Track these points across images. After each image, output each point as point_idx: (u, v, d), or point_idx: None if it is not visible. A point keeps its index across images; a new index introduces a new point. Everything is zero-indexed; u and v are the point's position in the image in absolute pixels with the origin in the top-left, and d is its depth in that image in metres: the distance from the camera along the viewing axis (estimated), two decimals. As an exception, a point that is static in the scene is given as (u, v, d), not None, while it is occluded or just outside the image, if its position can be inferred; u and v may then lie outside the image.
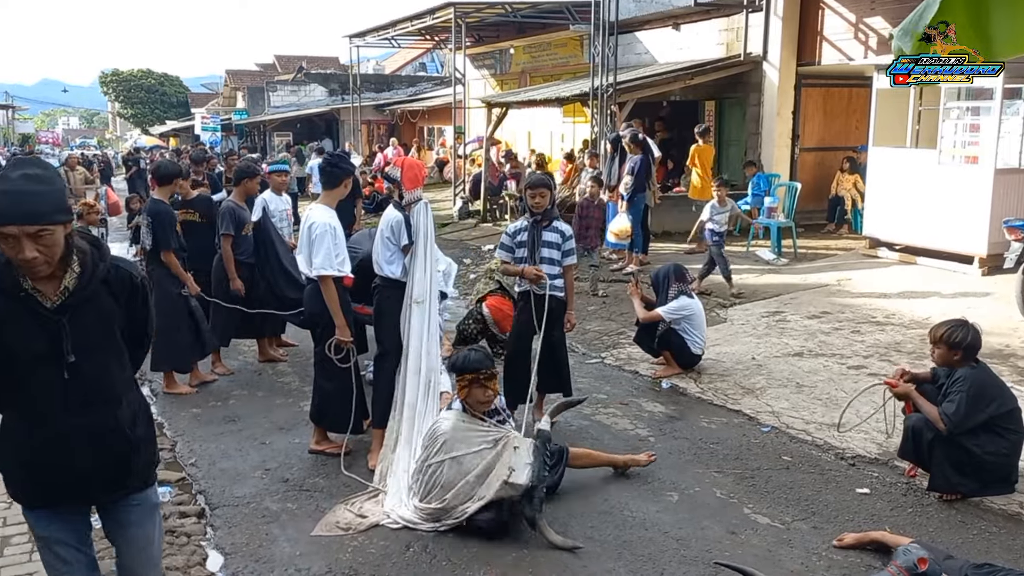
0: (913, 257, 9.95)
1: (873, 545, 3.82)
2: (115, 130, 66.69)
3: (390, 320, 4.85)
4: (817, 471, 4.78)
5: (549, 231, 5.27)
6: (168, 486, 4.64)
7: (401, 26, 20.06)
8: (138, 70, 55.08)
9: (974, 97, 9.32)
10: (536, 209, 5.25)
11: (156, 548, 2.75)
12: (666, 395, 6.19)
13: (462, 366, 4.21)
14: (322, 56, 47.02)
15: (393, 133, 28.70)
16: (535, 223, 5.28)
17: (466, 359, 4.25)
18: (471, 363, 4.20)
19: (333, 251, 4.82)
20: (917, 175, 9.85)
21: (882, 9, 11.08)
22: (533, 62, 19.91)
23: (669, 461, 4.94)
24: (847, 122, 13.58)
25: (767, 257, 10.68)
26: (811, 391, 6.05)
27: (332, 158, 5.25)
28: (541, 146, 19.52)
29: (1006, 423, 4.30)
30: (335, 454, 4.98)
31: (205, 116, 35.63)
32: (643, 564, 3.77)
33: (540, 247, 5.25)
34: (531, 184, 5.37)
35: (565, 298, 5.36)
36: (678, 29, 14.52)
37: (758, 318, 8.10)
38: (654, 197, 10.90)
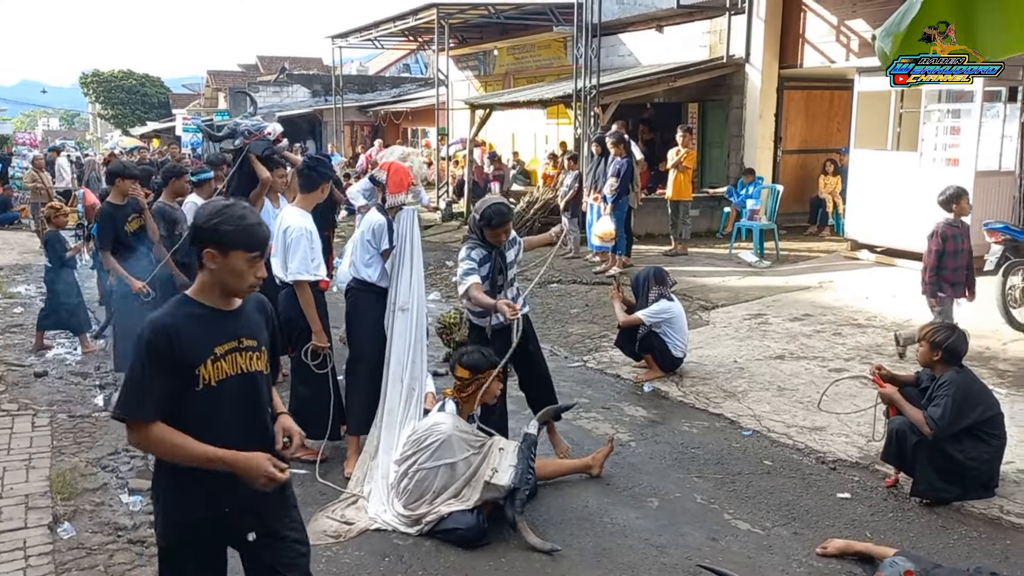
0: (891, 259, 9.97)
1: (858, 556, 3.77)
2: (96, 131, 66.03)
3: (363, 323, 4.78)
4: (798, 475, 4.75)
5: (509, 249, 4.77)
6: (139, 495, 4.54)
7: (384, 27, 19.98)
8: (119, 71, 54.49)
9: (955, 100, 9.36)
10: (498, 244, 4.65)
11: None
12: (648, 399, 6.15)
13: (481, 363, 4.31)
14: (305, 57, 46.76)
15: (377, 134, 28.54)
16: (493, 250, 4.66)
17: (485, 357, 4.35)
18: (489, 359, 4.32)
19: (309, 255, 4.75)
20: (898, 177, 9.87)
21: (864, 12, 11.11)
22: (517, 64, 19.87)
23: (650, 466, 4.90)
24: (829, 124, 13.63)
25: (749, 259, 10.68)
26: (792, 394, 6.02)
27: (311, 161, 5.18)
28: (525, 147, 19.49)
29: (989, 428, 4.29)
30: (311, 461, 4.89)
31: (186, 117, 35.21)
32: (622, 572, 3.72)
33: (509, 269, 4.79)
34: (494, 224, 4.57)
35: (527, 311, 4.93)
36: (661, 31, 14.52)
37: (740, 321, 8.08)
38: (637, 199, 10.87)
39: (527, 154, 19.48)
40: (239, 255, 2.32)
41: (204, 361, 2.31)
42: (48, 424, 5.60)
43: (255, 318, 2.50)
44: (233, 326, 2.41)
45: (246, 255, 2.33)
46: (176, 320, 2.32)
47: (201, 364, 2.31)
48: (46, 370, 6.87)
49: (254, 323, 2.49)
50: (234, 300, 2.43)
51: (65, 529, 4.11)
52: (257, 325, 2.50)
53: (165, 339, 2.27)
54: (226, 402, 2.36)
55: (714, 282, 9.62)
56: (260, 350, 2.47)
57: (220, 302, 2.40)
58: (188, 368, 2.29)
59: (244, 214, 2.35)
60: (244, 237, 2.32)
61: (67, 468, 4.79)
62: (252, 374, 2.43)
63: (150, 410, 2.26)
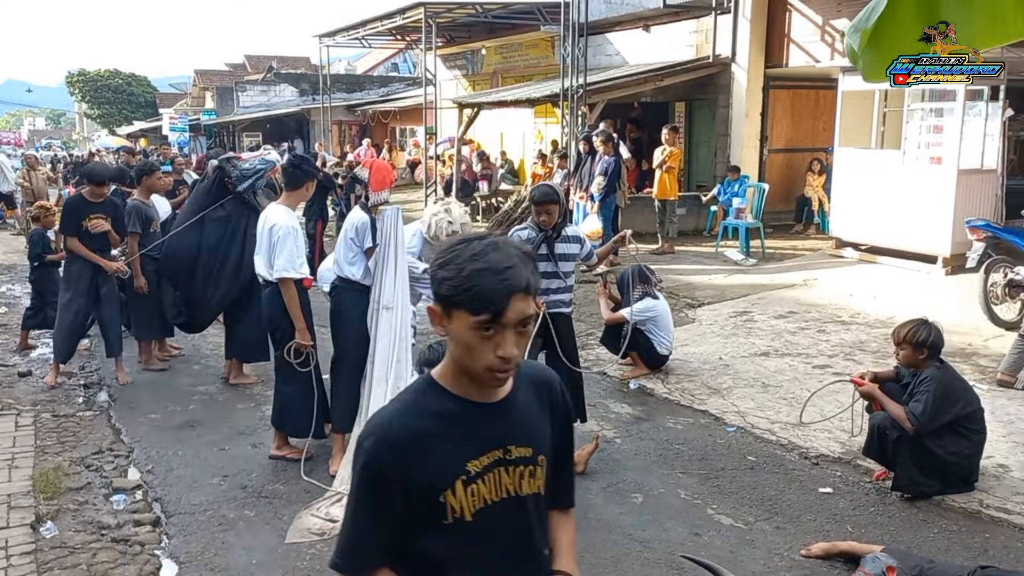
0: (875, 257, 10.05)
1: (843, 557, 3.78)
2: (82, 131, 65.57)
3: (347, 321, 4.78)
4: (781, 471, 4.78)
5: (562, 242, 4.83)
6: (123, 494, 4.54)
7: (371, 26, 19.93)
8: (105, 70, 54.19)
9: (937, 99, 9.43)
10: (544, 227, 4.75)
11: None
12: (634, 396, 6.18)
13: (433, 360, 4.20)
14: (293, 56, 46.57)
15: (365, 134, 28.51)
16: (546, 237, 4.76)
17: (441, 347, 4.26)
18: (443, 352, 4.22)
19: (295, 253, 4.77)
20: (882, 176, 9.94)
21: (848, 11, 11.16)
22: (505, 63, 19.88)
23: (635, 462, 4.92)
24: (814, 124, 13.69)
25: (735, 257, 10.73)
26: (776, 391, 6.06)
27: (296, 159, 5.19)
28: (513, 147, 19.50)
29: (970, 423, 4.34)
30: (296, 459, 4.89)
31: (173, 116, 35.05)
32: (606, 567, 3.74)
33: (559, 261, 4.79)
34: (537, 200, 4.76)
35: (571, 312, 4.96)
36: (648, 31, 14.55)
37: (726, 318, 8.12)
38: (624, 198, 10.91)
39: (515, 153, 19.49)
40: (462, 318, 1.52)
41: (452, 484, 1.57)
42: (32, 424, 5.57)
43: (532, 410, 1.69)
44: (497, 428, 1.63)
45: (470, 319, 1.51)
46: (408, 425, 1.59)
47: (447, 489, 1.57)
48: (30, 369, 6.84)
49: (530, 419, 1.68)
50: (497, 388, 1.62)
51: (48, 528, 4.09)
52: (534, 422, 1.69)
53: (393, 457, 1.56)
54: (484, 542, 1.62)
55: (700, 280, 9.67)
56: (536, 462, 1.66)
57: (475, 391, 1.60)
58: (428, 495, 1.57)
59: (478, 256, 1.53)
60: (468, 294, 1.50)
61: (50, 467, 4.77)
62: (522, 498, 1.65)
63: (372, 560, 1.62)
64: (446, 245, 1.61)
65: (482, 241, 1.57)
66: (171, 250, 6.50)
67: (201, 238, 6.32)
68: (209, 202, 6.31)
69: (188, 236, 6.34)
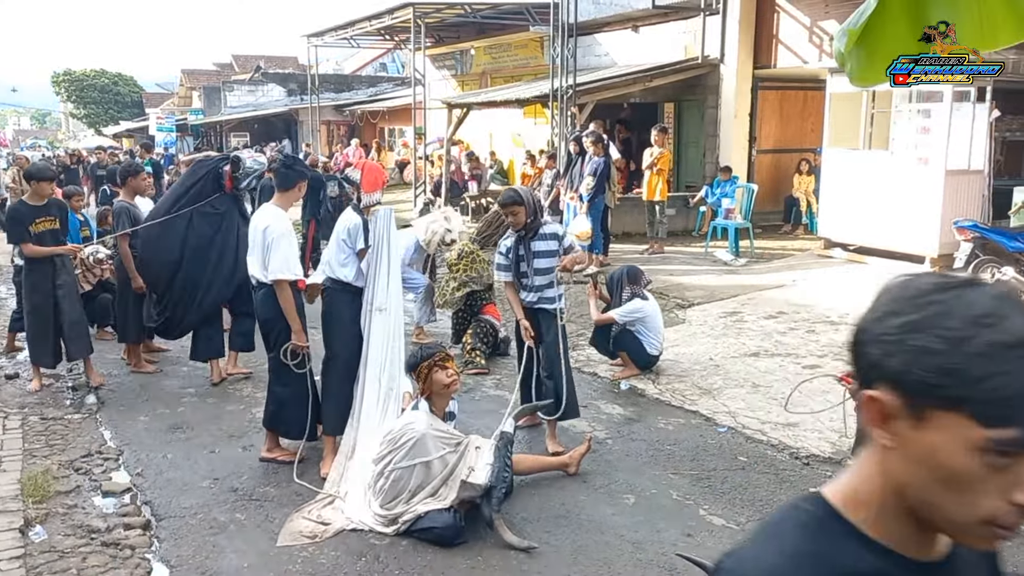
0: (863, 257, 10.11)
1: None
2: (68, 131, 65.10)
3: (339, 323, 4.77)
4: (772, 471, 4.80)
5: (539, 240, 4.99)
6: (113, 497, 4.51)
7: (360, 26, 19.89)
8: (91, 70, 53.84)
9: (925, 100, 9.50)
10: (516, 227, 4.98)
11: None
12: (625, 396, 6.19)
13: (419, 359, 4.34)
14: (280, 56, 46.35)
15: (353, 134, 28.44)
16: (520, 238, 5.00)
17: (418, 353, 4.42)
18: (425, 352, 4.36)
19: (290, 254, 4.75)
20: (870, 176, 10.01)
21: (836, 12, 11.24)
22: (494, 63, 19.88)
23: (626, 463, 4.93)
24: (803, 124, 13.77)
25: (725, 258, 10.77)
26: (767, 391, 6.09)
27: (288, 159, 5.20)
28: (503, 147, 19.50)
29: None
30: (287, 461, 4.88)
31: (160, 116, 34.82)
32: (598, 568, 3.75)
33: (533, 259, 4.96)
34: (502, 203, 5.03)
35: (555, 309, 5.06)
36: (637, 31, 14.59)
37: (716, 319, 8.15)
38: (613, 198, 10.93)
39: (504, 154, 19.50)
40: (954, 427, 0.89)
41: None
42: (19, 427, 5.52)
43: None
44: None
45: (975, 432, 0.87)
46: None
47: None
48: (17, 372, 6.78)
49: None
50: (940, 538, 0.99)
51: (37, 532, 4.06)
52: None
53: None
54: None
55: (690, 280, 9.70)
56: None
57: (915, 542, 0.97)
58: None
59: (992, 320, 0.88)
60: (984, 389, 0.87)
61: (39, 471, 4.73)
62: None
63: None
64: (898, 286, 0.95)
65: (982, 291, 0.91)
66: (152, 248, 6.35)
67: (187, 236, 6.21)
68: (202, 196, 6.20)
69: (171, 233, 6.20)
